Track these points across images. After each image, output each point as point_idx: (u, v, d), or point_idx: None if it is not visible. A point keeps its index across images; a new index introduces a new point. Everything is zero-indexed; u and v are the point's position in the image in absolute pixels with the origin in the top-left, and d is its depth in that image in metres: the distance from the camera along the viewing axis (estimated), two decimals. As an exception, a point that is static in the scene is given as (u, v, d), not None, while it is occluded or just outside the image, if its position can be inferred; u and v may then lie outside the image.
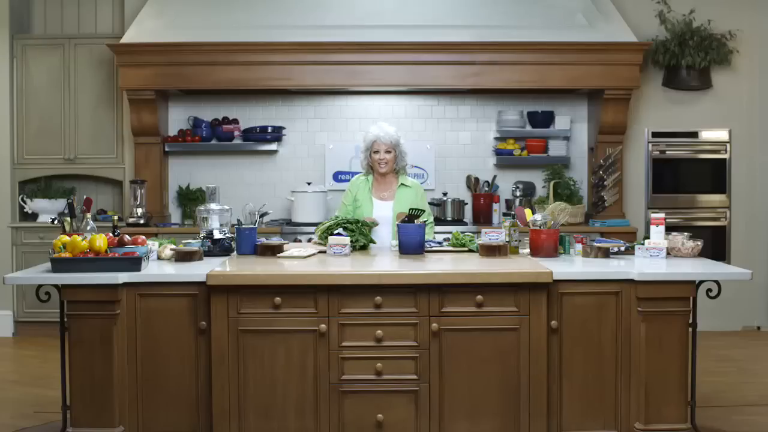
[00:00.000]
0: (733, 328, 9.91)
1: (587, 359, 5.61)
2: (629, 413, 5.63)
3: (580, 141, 9.84)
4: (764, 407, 7.14)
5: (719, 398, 7.32)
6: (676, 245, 6.27)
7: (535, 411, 5.52)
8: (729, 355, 8.77)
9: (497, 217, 9.46)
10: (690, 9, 9.72)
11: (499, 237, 6.18)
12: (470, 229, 8.81)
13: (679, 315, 5.60)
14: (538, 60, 9.13)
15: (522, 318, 5.48)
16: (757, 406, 7.18)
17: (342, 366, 5.46)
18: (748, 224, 9.95)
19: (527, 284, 5.47)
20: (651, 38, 9.69)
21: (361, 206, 7.06)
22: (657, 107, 9.85)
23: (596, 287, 5.58)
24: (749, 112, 9.93)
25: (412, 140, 9.71)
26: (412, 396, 5.49)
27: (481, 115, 9.81)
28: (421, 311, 5.46)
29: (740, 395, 7.46)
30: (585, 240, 6.31)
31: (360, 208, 7.05)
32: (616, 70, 9.18)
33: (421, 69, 9.11)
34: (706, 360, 7.83)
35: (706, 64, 9.69)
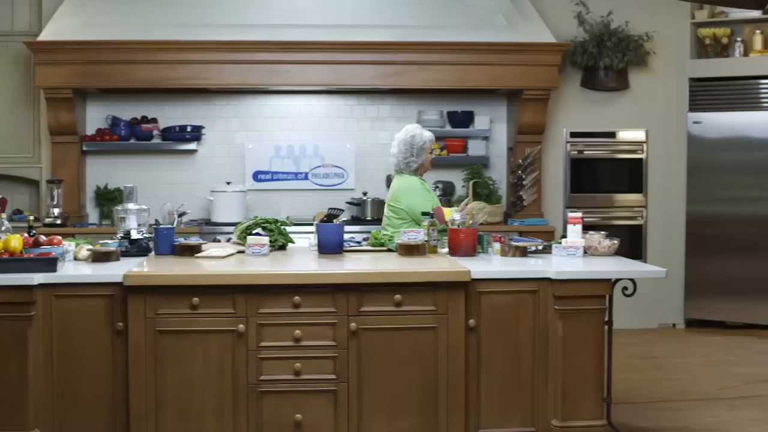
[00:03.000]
0: (649, 325, 10.04)
1: (505, 357, 5.65)
2: (546, 410, 5.68)
3: (500, 141, 9.91)
4: (679, 403, 7.25)
5: (635, 395, 7.40)
6: (593, 244, 6.33)
7: (453, 409, 5.55)
8: (645, 352, 8.89)
9: (419, 217, 9.49)
10: (608, 11, 9.83)
11: (417, 236, 6.20)
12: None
13: (595, 313, 5.67)
14: (457, 60, 9.18)
15: (440, 317, 5.51)
16: (672, 401, 7.28)
17: (260, 366, 5.44)
18: (664, 223, 10.09)
19: (445, 283, 5.50)
20: (570, 39, 9.79)
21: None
22: (575, 107, 9.95)
23: (514, 286, 5.63)
24: (665, 112, 10.07)
25: (333, 140, 9.74)
26: (330, 396, 5.49)
27: (401, 115, 9.82)
28: (339, 311, 5.46)
29: (656, 392, 7.55)
30: (503, 239, 6.35)
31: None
32: (535, 71, 9.26)
33: (341, 68, 9.11)
34: (622, 357, 7.92)
35: (623, 65, 9.80)
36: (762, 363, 8.67)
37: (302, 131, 9.81)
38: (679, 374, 8.18)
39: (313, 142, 9.77)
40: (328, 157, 9.77)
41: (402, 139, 7.03)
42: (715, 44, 10.04)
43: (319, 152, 9.77)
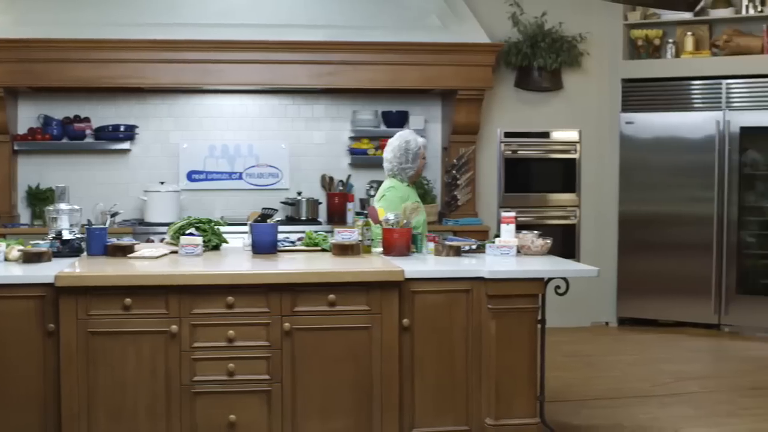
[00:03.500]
0: (582, 324, 10.13)
1: (439, 356, 5.66)
2: (480, 409, 5.71)
3: (434, 141, 9.93)
4: (612, 400, 7.32)
5: (568, 393, 7.46)
6: (526, 243, 6.37)
7: (387, 408, 5.55)
8: (578, 350, 8.96)
9: (352, 217, 9.48)
10: (542, 11, 9.90)
11: (351, 236, 6.20)
12: (325, 229, 8.81)
13: (528, 312, 5.70)
14: (392, 60, 9.19)
15: (374, 316, 5.51)
16: (605, 399, 7.35)
17: (193, 367, 5.40)
18: (597, 223, 10.18)
19: (379, 283, 5.50)
20: (504, 40, 9.84)
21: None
22: (509, 108, 10.00)
23: (447, 285, 5.64)
24: (598, 112, 10.16)
25: (267, 140, 9.71)
26: (264, 396, 5.47)
27: (335, 115, 9.83)
28: (273, 311, 5.44)
29: (589, 389, 7.62)
30: (437, 239, 6.37)
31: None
32: (469, 71, 9.30)
33: (275, 68, 9.09)
34: (555, 356, 7.98)
35: (557, 65, 9.87)
36: (693, 360, 8.78)
37: (237, 131, 9.77)
38: (611, 372, 8.25)
39: (247, 141, 9.74)
40: (262, 157, 9.74)
41: (396, 145, 6.96)
42: (648, 45, 10.15)
43: (253, 152, 9.74)
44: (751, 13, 9.84)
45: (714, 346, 9.43)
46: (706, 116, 9.88)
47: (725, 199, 9.79)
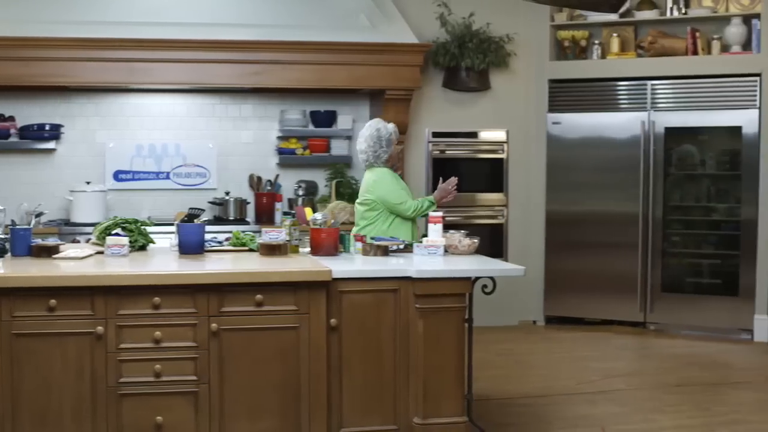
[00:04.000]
0: (510, 323, 10.18)
1: (367, 356, 5.68)
2: (408, 408, 5.73)
3: (363, 140, 9.93)
4: (540, 398, 7.37)
5: (496, 391, 7.50)
6: (454, 243, 6.40)
7: (315, 408, 5.55)
8: (506, 349, 9.01)
9: (280, 216, 9.44)
10: (470, 12, 9.93)
11: (279, 236, 6.18)
12: (252, 229, 8.76)
13: (455, 311, 5.73)
14: (320, 60, 9.17)
15: (302, 316, 5.50)
16: (532, 397, 7.40)
17: (120, 368, 5.35)
18: (524, 222, 10.25)
19: (307, 283, 5.49)
20: (432, 40, 9.86)
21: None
22: (437, 108, 10.04)
23: (375, 285, 5.66)
24: (525, 113, 10.24)
25: (194, 139, 9.64)
26: (191, 397, 5.44)
27: (263, 114, 9.79)
28: (200, 311, 5.41)
29: (517, 388, 7.67)
30: (364, 238, 6.38)
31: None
32: (397, 71, 9.31)
33: (202, 67, 9.02)
34: (484, 354, 8.02)
35: (484, 66, 9.92)
36: (619, 358, 8.88)
37: (164, 130, 9.69)
38: (539, 370, 8.32)
39: (174, 141, 9.66)
40: (189, 157, 9.67)
41: (368, 135, 7.06)
42: (574, 46, 10.24)
43: (180, 151, 9.67)
44: (676, 15, 9.97)
45: (640, 343, 9.53)
46: (631, 117, 9.99)
47: (650, 199, 9.91)
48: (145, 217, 8.72)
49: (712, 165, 10.06)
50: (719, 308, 9.72)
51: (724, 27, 9.81)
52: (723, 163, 9.99)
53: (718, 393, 7.65)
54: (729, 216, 9.90)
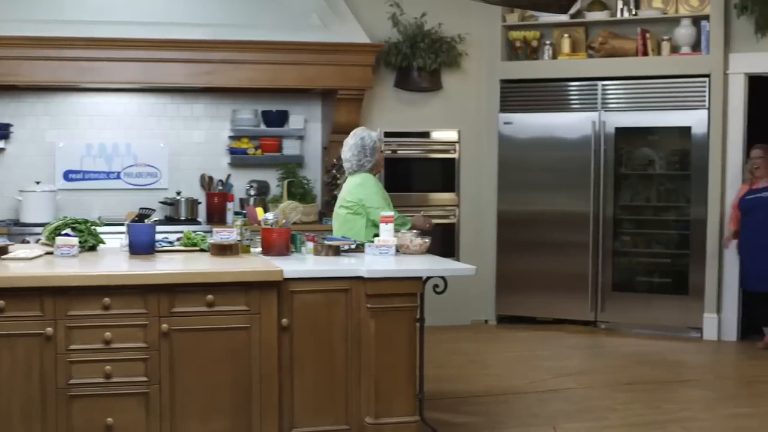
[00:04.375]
0: (462, 322, 10.21)
1: (318, 356, 5.67)
2: (360, 408, 5.73)
3: (314, 140, 9.93)
4: (491, 397, 7.39)
5: (448, 391, 7.51)
6: (405, 242, 6.40)
7: (266, 408, 5.55)
8: (458, 348, 9.03)
9: (231, 216, 9.41)
10: (422, 12, 9.95)
11: (230, 236, 6.16)
12: (204, 229, 8.71)
13: (407, 311, 5.74)
14: (272, 59, 9.15)
15: (253, 317, 5.49)
16: (484, 396, 7.43)
17: (69, 370, 5.31)
18: (476, 222, 10.27)
19: (258, 283, 5.49)
20: (384, 40, 9.87)
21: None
22: (389, 108, 10.04)
23: (326, 285, 5.66)
24: (477, 113, 10.27)
25: (145, 139, 9.59)
26: (142, 398, 5.40)
27: (215, 114, 9.76)
28: (150, 312, 5.38)
29: (468, 387, 7.69)
30: (316, 238, 6.38)
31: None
32: (349, 71, 9.30)
33: (153, 67, 8.97)
34: (435, 354, 8.03)
35: (436, 66, 9.94)
36: (570, 357, 8.92)
37: (115, 130, 9.62)
38: (491, 369, 8.34)
39: (125, 140, 9.60)
40: (140, 156, 9.62)
41: (353, 144, 7.09)
42: (525, 47, 10.28)
43: (131, 151, 9.61)
44: (626, 17, 10.03)
45: (591, 342, 9.59)
46: (582, 117, 10.05)
47: (601, 199, 9.97)
48: (96, 218, 8.64)
49: (662, 165, 10.14)
50: (669, 307, 9.79)
51: (673, 28, 9.89)
52: (673, 163, 10.07)
53: (668, 391, 7.70)
54: (679, 216, 9.98)
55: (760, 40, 9.39)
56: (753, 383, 7.99)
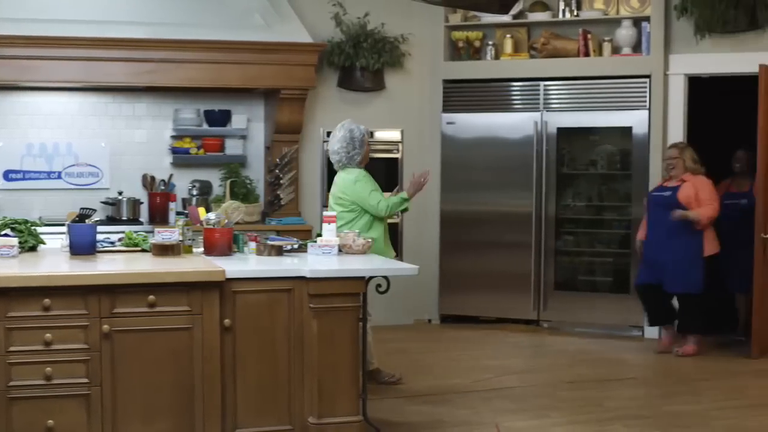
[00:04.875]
0: (405, 321, 10.22)
1: (261, 356, 5.66)
2: (303, 408, 5.74)
3: (257, 140, 9.90)
4: (434, 396, 7.41)
5: (391, 390, 7.52)
6: (348, 242, 6.41)
7: (209, 409, 5.53)
8: (401, 348, 9.03)
9: (174, 216, 9.36)
10: (365, 12, 9.95)
11: (172, 236, 6.14)
12: (146, 229, 8.64)
13: (349, 310, 5.76)
14: (214, 59, 9.11)
15: (195, 317, 5.47)
16: (427, 395, 7.43)
17: (9, 372, 5.26)
18: (419, 221, 10.29)
19: (200, 283, 5.47)
20: (327, 40, 9.86)
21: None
22: (332, 107, 10.03)
23: (269, 285, 5.66)
24: (420, 112, 10.29)
25: (87, 138, 9.51)
26: (83, 400, 5.36)
27: (157, 113, 9.69)
28: (91, 313, 5.34)
29: (412, 386, 7.69)
30: (258, 238, 6.36)
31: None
32: (292, 71, 9.29)
33: (94, 65, 8.89)
34: (378, 353, 8.02)
35: (379, 66, 9.95)
36: (513, 356, 8.96)
37: (55, 129, 9.52)
38: (434, 369, 8.35)
39: (66, 140, 9.51)
40: (82, 156, 9.53)
41: (341, 136, 7.39)
42: (468, 47, 10.31)
43: (72, 151, 9.53)
44: (568, 17, 10.09)
45: (533, 341, 9.64)
46: (524, 117, 10.10)
47: (543, 198, 10.03)
48: (36, 218, 8.56)
49: (603, 165, 10.20)
50: (611, 306, 9.87)
51: (615, 29, 9.96)
52: (614, 163, 10.14)
53: (609, 389, 7.76)
54: (620, 215, 10.05)
55: (699, 41, 9.48)
56: (692, 380, 8.07)
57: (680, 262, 8.83)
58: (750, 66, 9.27)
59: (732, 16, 9.24)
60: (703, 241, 8.88)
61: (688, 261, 8.84)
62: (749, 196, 9.25)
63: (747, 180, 9.45)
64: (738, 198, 9.49)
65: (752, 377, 8.26)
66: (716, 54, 9.55)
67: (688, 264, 8.84)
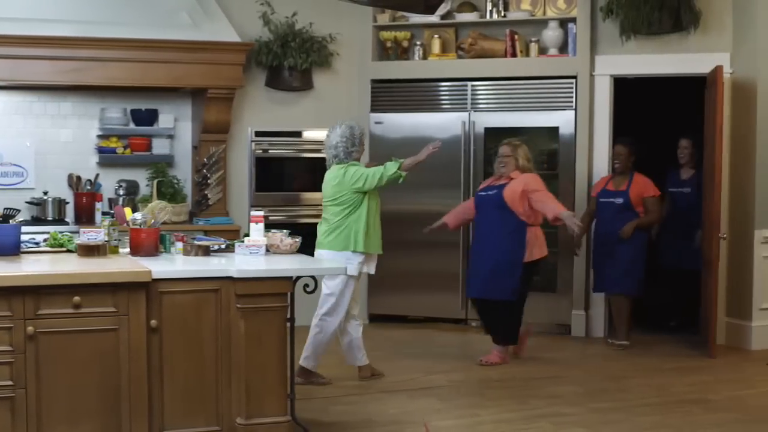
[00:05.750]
0: (334, 321, 10.21)
1: (188, 357, 5.64)
2: (231, 409, 5.72)
3: (185, 139, 9.85)
4: (362, 396, 7.44)
5: (320, 390, 7.53)
6: (275, 242, 6.41)
7: (136, 411, 5.49)
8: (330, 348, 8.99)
9: (100, 217, 9.27)
10: (293, 12, 9.93)
11: (97, 236, 6.09)
12: (72, 229, 8.51)
13: (277, 310, 5.75)
14: (141, 57, 9.05)
15: (121, 318, 5.42)
16: (355, 395, 7.46)
17: (-69, 374, 5.20)
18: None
19: (126, 284, 5.42)
20: (255, 39, 9.83)
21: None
22: (260, 107, 10.01)
23: (196, 285, 5.63)
24: (348, 112, 10.24)
25: (11, 137, 9.39)
26: (7, 403, 5.28)
27: (83, 113, 9.59)
28: (15, 314, 5.26)
29: (340, 386, 7.71)
30: (185, 238, 6.34)
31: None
32: (219, 70, 9.26)
33: (19, 64, 8.78)
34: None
35: (307, 65, 9.93)
36: (441, 355, 8.98)
37: (-22, 128, 9.43)
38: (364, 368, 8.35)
39: (-11, 139, 9.42)
40: (6, 156, 9.40)
41: (341, 132, 7.72)
42: (396, 47, 10.34)
43: (-4, 150, 9.44)
44: (495, 18, 10.16)
45: (461, 340, 9.69)
46: (452, 117, 10.15)
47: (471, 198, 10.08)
48: (-41, 218, 8.46)
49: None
50: (538, 304, 9.89)
51: (541, 30, 10.04)
52: (541, 162, 10.17)
53: (537, 387, 7.82)
54: (547, 214, 10.12)
55: (625, 43, 9.58)
56: (619, 378, 8.15)
57: (501, 266, 8.45)
58: (675, 67, 9.46)
59: (657, 17, 9.34)
60: (525, 245, 8.44)
61: (508, 266, 8.42)
62: (624, 195, 9.34)
63: (626, 179, 9.52)
64: (613, 197, 9.40)
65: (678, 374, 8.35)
66: (641, 55, 9.67)
67: (507, 270, 8.43)
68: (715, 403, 7.39)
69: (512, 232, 8.43)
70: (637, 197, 9.31)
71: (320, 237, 7.76)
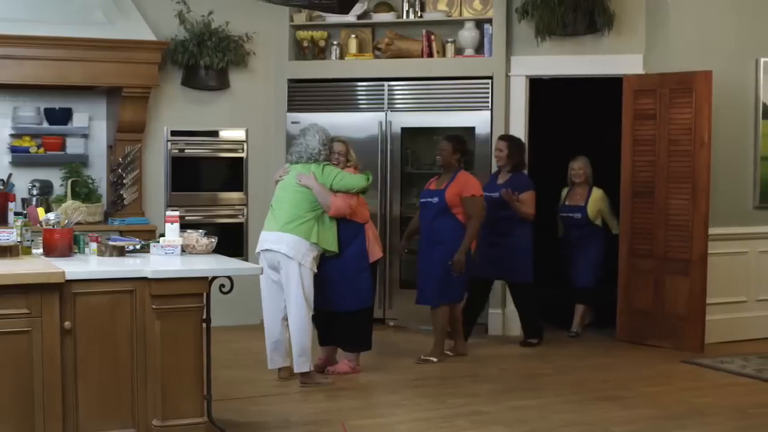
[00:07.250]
0: (252, 321, 10.13)
1: (103, 359, 5.58)
2: (147, 410, 5.67)
3: (100, 139, 9.75)
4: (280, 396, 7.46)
5: (237, 391, 7.49)
6: (191, 242, 6.37)
7: (50, 414, 5.42)
8: (247, 348, 8.99)
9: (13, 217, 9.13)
10: (209, 10, 9.89)
11: (10, 237, 6.01)
12: (-16, 230, 8.46)
13: (193, 311, 5.72)
14: (55, 56, 8.96)
15: (34, 320, 5.35)
16: (273, 396, 7.45)
17: None
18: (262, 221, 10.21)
19: (39, 285, 5.35)
20: (170, 38, 9.77)
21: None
22: (176, 106, 9.95)
23: (110, 286, 5.58)
24: (264, 112, 10.28)
25: None
26: None
27: (-5, 111, 9.50)
28: (-75, 317, 5.20)
29: (257, 387, 7.69)
30: (100, 239, 6.28)
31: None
32: (134, 69, 9.20)
33: (-71, 61, 8.67)
34: (224, 354, 8.01)
35: (223, 64, 9.90)
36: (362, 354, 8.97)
37: None
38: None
39: None
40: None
41: (314, 132, 7.95)
42: (313, 47, 10.33)
43: None
44: (412, 18, 10.20)
45: (379, 339, 9.63)
46: (369, 117, 10.19)
47: (388, 197, 10.13)
48: None
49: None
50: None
51: (458, 31, 10.11)
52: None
53: (455, 386, 7.86)
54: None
55: (540, 44, 9.66)
56: (534, 376, 8.22)
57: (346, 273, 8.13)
58: (589, 68, 9.60)
59: (571, 19, 9.45)
60: (366, 248, 8.21)
61: (355, 271, 8.14)
62: (441, 195, 8.73)
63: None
64: (431, 196, 8.83)
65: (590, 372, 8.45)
66: (557, 56, 9.78)
67: (354, 276, 8.13)
68: (629, 399, 7.48)
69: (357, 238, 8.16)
70: (454, 197, 8.62)
71: (282, 222, 7.85)
